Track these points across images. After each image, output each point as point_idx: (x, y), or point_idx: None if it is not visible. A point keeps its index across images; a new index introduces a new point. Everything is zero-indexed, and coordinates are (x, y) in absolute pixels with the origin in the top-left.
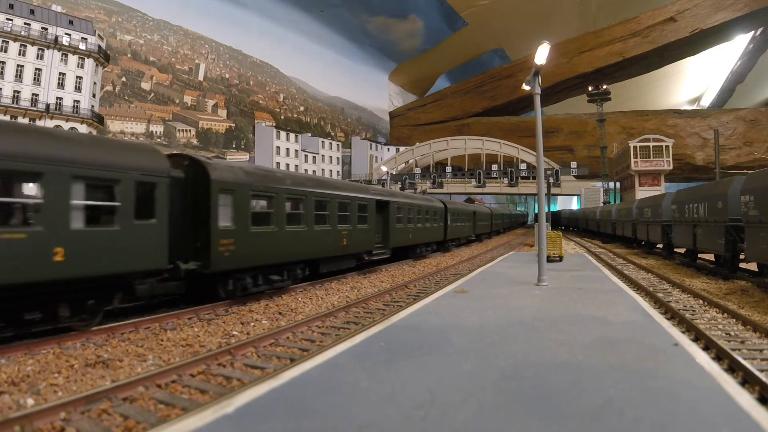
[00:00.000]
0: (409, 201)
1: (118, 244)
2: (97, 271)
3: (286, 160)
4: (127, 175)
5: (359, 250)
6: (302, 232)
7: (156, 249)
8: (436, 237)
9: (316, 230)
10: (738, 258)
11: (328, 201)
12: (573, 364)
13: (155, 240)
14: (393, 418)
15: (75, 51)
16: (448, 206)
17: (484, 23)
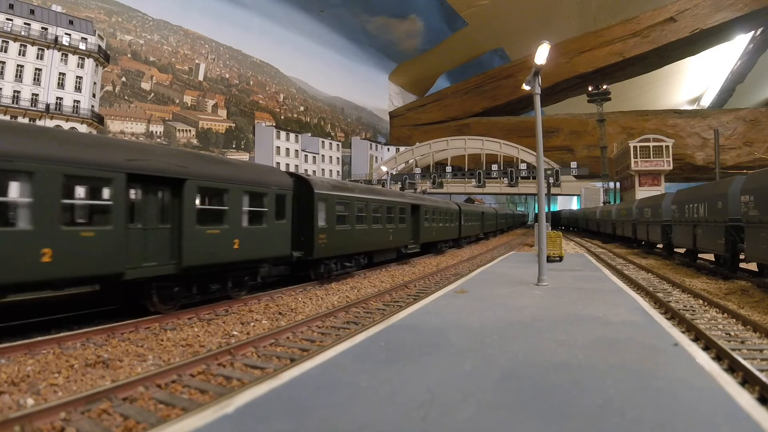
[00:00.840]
0: (434, 204)
1: (266, 238)
2: (255, 256)
3: (286, 160)
4: (270, 190)
5: (399, 245)
6: (364, 230)
7: (285, 241)
8: (452, 235)
9: (373, 229)
10: (738, 258)
11: (380, 205)
12: (573, 364)
13: (285, 235)
14: (393, 418)
15: (75, 51)
16: (462, 208)
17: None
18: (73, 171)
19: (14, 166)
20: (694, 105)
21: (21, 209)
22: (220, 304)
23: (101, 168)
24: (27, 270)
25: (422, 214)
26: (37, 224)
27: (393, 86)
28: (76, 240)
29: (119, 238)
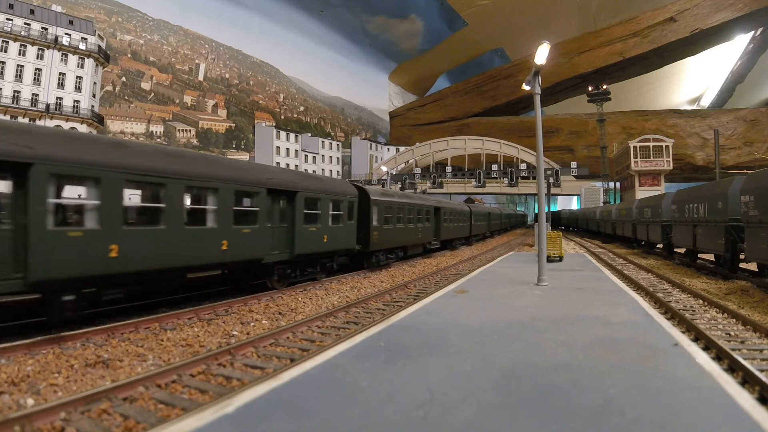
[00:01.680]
0: (451, 207)
1: (342, 234)
2: (335, 248)
3: (286, 160)
4: (345, 198)
5: (425, 241)
6: (402, 229)
7: (353, 237)
8: (465, 233)
9: (407, 228)
10: (738, 258)
11: (412, 208)
12: (573, 364)
13: (353, 232)
14: (393, 418)
15: (75, 51)
16: (472, 210)
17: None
18: (240, 188)
19: (211, 184)
20: (694, 105)
21: (209, 214)
22: (220, 304)
23: (255, 185)
24: (215, 255)
25: (442, 215)
26: (220, 224)
27: (393, 86)
28: (241, 235)
29: (262, 234)
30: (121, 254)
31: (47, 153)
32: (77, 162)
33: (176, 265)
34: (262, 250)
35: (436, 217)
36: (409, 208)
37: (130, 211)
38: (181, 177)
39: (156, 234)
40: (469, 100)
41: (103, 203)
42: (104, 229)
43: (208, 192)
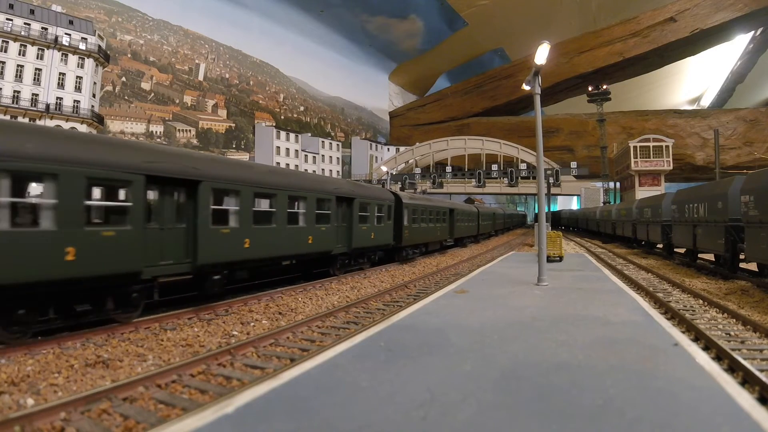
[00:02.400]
0: (462, 208)
1: (383, 232)
2: (379, 244)
3: (286, 160)
4: (386, 202)
5: (442, 239)
6: (426, 227)
7: (391, 234)
8: (473, 232)
9: (430, 227)
10: (738, 258)
11: (433, 210)
12: (573, 364)
13: (391, 230)
14: (393, 418)
15: (75, 51)
16: (480, 211)
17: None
18: (320, 196)
19: (302, 194)
20: (694, 105)
21: (300, 216)
22: (220, 304)
23: (329, 193)
24: (304, 247)
25: (455, 216)
26: (308, 224)
27: (393, 86)
28: (320, 232)
29: (332, 231)
30: (251, 246)
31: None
32: (226, 179)
33: (282, 254)
34: (332, 244)
35: (450, 218)
36: (431, 210)
37: (256, 215)
38: (285, 188)
39: (270, 231)
40: (469, 100)
41: (241, 209)
42: (242, 227)
43: (300, 199)
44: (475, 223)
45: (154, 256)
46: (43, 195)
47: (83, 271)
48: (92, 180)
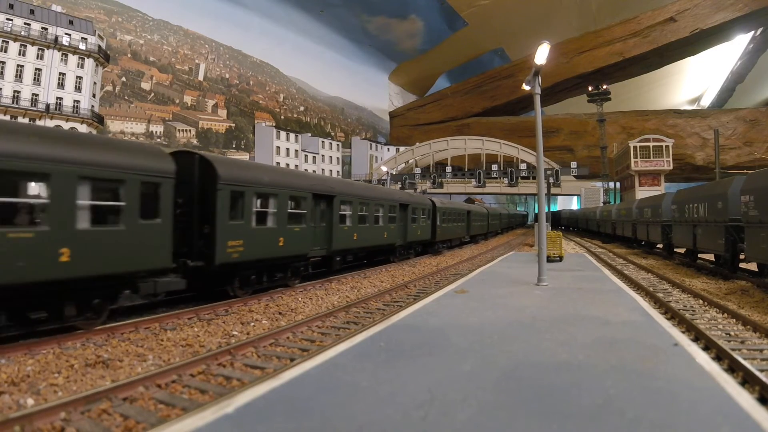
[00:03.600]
0: (475, 209)
1: (425, 229)
2: (423, 238)
3: (286, 160)
4: (427, 206)
5: (461, 236)
6: (451, 226)
7: (429, 232)
8: (484, 230)
9: (451, 226)
10: (738, 258)
11: (456, 211)
12: (573, 364)
13: (429, 228)
14: (393, 418)
15: (75, 51)
16: (489, 211)
17: (484, 23)
18: (391, 203)
19: (383, 202)
20: (694, 105)
21: (381, 218)
22: (220, 304)
23: (396, 201)
24: (383, 240)
25: (471, 217)
26: (384, 223)
27: (393, 86)
28: (390, 229)
29: (399, 228)
30: (357, 238)
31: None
32: (346, 194)
33: (373, 244)
34: (397, 238)
35: (468, 219)
36: (454, 212)
37: (360, 217)
38: (372, 200)
39: (367, 229)
40: (469, 100)
41: (353, 213)
42: (353, 226)
43: (381, 207)
44: (486, 223)
45: (312, 243)
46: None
47: (293, 250)
48: (292, 197)
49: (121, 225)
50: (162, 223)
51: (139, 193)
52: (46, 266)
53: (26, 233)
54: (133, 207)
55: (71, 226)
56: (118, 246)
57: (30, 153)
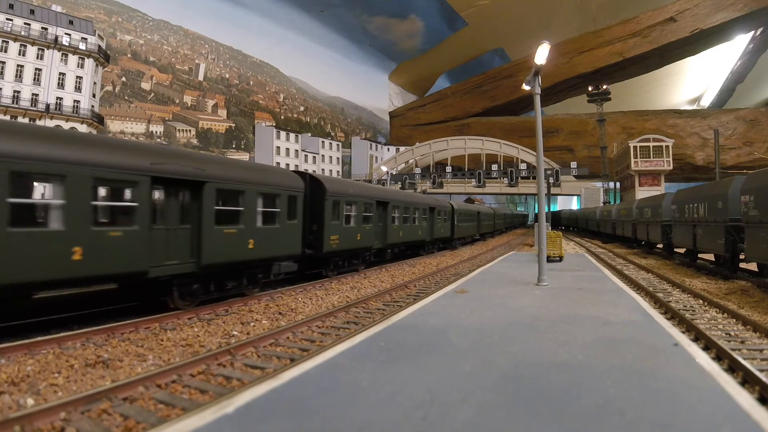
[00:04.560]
0: (485, 210)
1: (447, 228)
2: (444, 236)
3: (286, 160)
4: (448, 209)
5: (473, 234)
6: (465, 225)
7: (450, 230)
8: (491, 229)
9: (467, 225)
10: (738, 258)
11: (468, 212)
12: (573, 364)
13: (450, 228)
14: (393, 418)
15: (75, 51)
16: (495, 211)
17: (484, 23)
18: (417, 206)
19: (415, 205)
20: (694, 105)
21: (410, 218)
22: (220, 304)
23: (424, 205)
24: (415, 237)
25: (480, 217)
26: (420, 223)
27: (393, 86)
28: (422, 227)
29: (428, 227)
30: (402, 235)
31: (392, 198)
32: (394, 200)
33: (412, 239)
34: (426, 235)
35: (478, 219)
36: (468, 213)
37: (404, 218)
38: (412, 204)
39: (410, 227)
40: (469, 100)
41: (399, 215)
42: (399, 224)
43: (416, 209)
44: (492, 222)
45: (375, 238)
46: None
47: (365, 243)
48: (366, 203)
49: (277, 224)
50: (298, 223)
51: (286, 202)
52: (244, 251)
53: (232, 230)
54: (284, 212)
55: (255, 224)
56: (276, 238)
57: (243, 178)
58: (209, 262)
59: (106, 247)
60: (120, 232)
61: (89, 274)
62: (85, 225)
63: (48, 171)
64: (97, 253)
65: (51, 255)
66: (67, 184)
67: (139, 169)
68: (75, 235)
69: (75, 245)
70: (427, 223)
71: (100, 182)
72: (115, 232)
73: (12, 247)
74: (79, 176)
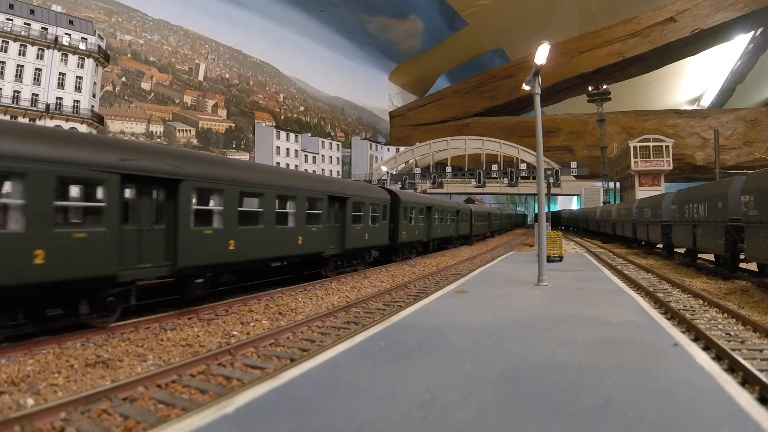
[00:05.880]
0: (496, 211)
1: (467, 227)
2: (465, 233)
3: (286, 160)
4: (469, 210)
5: (485, 232)
6: (480, 224)
7: (469, 229)
8: (498, 227)
9: (481, 224)
10: (738, 258)
11: (482, 213)
12: (573, 364)
13: (469, 226)
14: (393, 418)
15: (75, 51)
16: (503, 212)
17: (484, 23)
18: (458, 210)
19: (453, 209)
20: (694, 105)
21: (452, 219)
22: (220, 304)
23: (452, 208)
24: (437, 234)
25: (491, 217)
26: (451, 223)
27: (393, 86)
28: (455, 225)
29: (454, 226)
30: (440, 232)
31: (434, 204)
32: (438, 207)
33: (444, 236)
34: (453, 233)
35: (489, 218)
36: (482, 214)
37: (439, 219)
38: (448, 209)
39: (443, 226)
40: (469, 100)
41: (438, 216)
42: (438, 224)
43: (449, 213)
44: (500, 221)
45: (425, 234)
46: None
47: (419, 237)
48: (419, 208)
49: (377, 223)
50: (386, 223)
51: (382, 209)
52: (365, 240)
53: (359, 227)
54: (381, 216)
55: (369, 223)
56: (376, 233)
57: (368, 196)
58: (350, 248)
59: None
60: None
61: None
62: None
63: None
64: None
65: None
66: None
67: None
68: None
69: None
70: (454, 223)
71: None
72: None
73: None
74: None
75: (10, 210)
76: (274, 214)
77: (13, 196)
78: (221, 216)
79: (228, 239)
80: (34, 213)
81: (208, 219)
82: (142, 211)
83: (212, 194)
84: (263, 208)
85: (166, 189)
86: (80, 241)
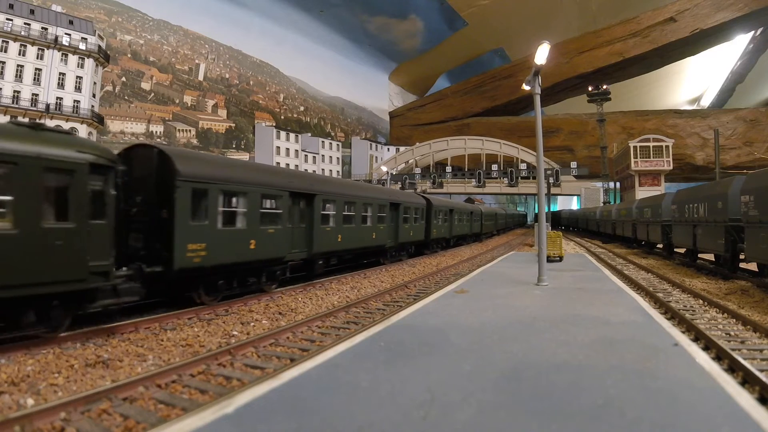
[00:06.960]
0: (499, 212)
1: (478, 226)
2: (476, 232)
3: (286, 160)
4: (479, 211)
5: (492, 231)
6: (489, 223)
7: (480, 228)
8: (503, 226)
9: (490, 223)
10: (738, 258)
11: (490, 214)
12: (573, 364)
13: (480, 225)
14: (393, 418)
15: (75, 51)
16: (507, 212)
17: (484, 23)
18: (472, 211)
19: (469, 211)
20: (694, 105)
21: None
22: (220, 305)
23: (474, 211)
24: (457, 232)
25: (498, 217)
26: (471, 223)
27: (393, 86)
28: (473, 224)
29: (468, 225)
30: (458, 230)
31: (458, 208)
32: (462, 210)
33: (463, 233)
34: (468, 231)
35: (496, 218)
36: (490, 214)
37: (459, 218)
38: (472, 212)
39: (462, 225)
40: (469, 100)
41: (459, 218)
42: (458, 223)
43: (466, 214)
44: (505, 221)
45: (448, 232)
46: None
47: (443, 235)
48: (444, 211)
49: (417, 223)
50: (423, 223)
51: (421, 212)
52: (414, 236)
53: (407, 226)
54: (420, 217)
55: (414, 223)
56: (417, 231)
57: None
58: (401, 242)
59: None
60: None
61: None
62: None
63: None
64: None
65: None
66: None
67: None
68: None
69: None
70: (469, 223)
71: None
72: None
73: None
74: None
75: (237, 216)
76: (360, 217)
77: (240, 206)
78: (334, 218)
79: (337, 234)
80: (250, 217)
81: (328, 220)
82: (295, 215)
83: (330, 203)
84: (355, 212)
85: (306, 200)
86: (271, 234)
